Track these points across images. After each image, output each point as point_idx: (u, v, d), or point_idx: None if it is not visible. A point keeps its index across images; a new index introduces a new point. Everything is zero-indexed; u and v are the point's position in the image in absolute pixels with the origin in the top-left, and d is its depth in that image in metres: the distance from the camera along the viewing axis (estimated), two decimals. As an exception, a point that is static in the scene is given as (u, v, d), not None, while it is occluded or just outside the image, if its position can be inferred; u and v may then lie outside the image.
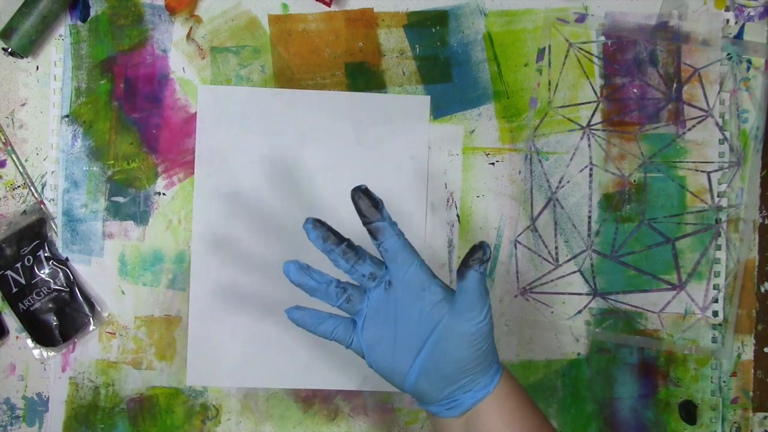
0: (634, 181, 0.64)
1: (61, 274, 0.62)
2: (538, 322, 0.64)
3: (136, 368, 0.63)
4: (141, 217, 0.63)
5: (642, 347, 0.64)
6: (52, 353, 0.63)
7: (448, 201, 0.64)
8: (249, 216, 0.63)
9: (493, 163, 0.64)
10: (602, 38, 0.64)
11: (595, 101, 0.64)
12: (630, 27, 0.64)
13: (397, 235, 0.48)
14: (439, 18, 0.64)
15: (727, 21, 0.64)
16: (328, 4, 0.63)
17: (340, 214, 0.63)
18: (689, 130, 0.64)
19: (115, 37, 0.63)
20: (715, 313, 0.64)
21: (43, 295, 0.62)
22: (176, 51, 0.63)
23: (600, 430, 0.64)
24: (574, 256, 0.64)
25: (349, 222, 0.63)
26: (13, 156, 0.63)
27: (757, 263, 0.65)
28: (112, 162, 0.63)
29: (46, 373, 0.63)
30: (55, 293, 0.62)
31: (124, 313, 0.63)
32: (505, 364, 0.63)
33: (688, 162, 0.64)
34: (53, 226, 0.63)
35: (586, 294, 0.64)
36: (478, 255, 0.46)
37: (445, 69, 0.64)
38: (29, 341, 0.62)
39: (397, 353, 0.48)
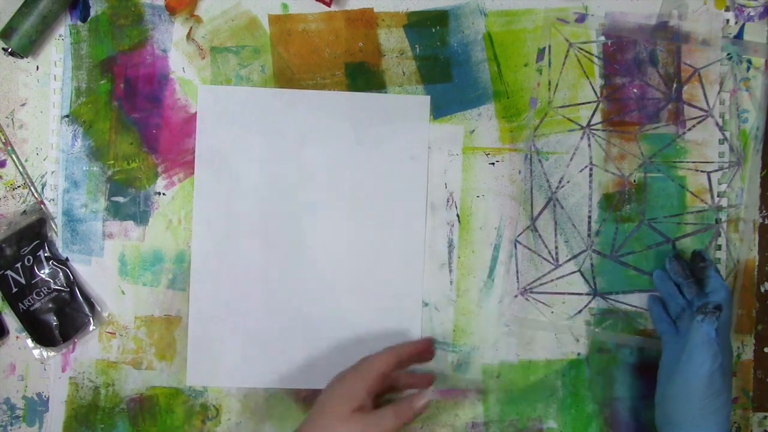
0: (634, 181, 0.64)
1: (61, 274, 0.62)
2: (538, 322, 0.64)
3: (136, 368, 0.63)
4: (141, 217, 0.63)
5: (642, 347, 0.64)
6: (52, 353, 0.63)
7: (448, 201, 0.64)
8: (249, 216, 0.63)
9: (493, 163, 0.64)
10: (602, 38, 0.64)
11: (595, 101, 0.64)
12: (630, 27, 0.64)
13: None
14: (439, 18, 0.64)
15: (727, 21, 0.64)
16: (328, 4, 0.63)
17: (338, 214, 0.63)
18: (689, 130, 0.64)
19: (115, 37, 0.63)
20: (715, 313, 0.64)
21: (43, 295, 0.62)
22: (176, 51, 0.63)
23: (600, 430, 0.64)
24: (574, 256, 0.64)
25: (346, 222, 0.64)
26: (13, 156, 0.63)
27: (757, 263, 0.65)
28: (112, 162, 0.63)
29: (46, 373, 0.63)
30: (55, 293, 0.62)
31: (124, 313, 0.63)
32: (505, 364, 0.63)
33: (688, 162, 0.64)
34: (53, 226, 0.63)
35: (586, 294, 0.64)
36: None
37: (445, 69, 0.64)
38: (29, 341, 0.62)
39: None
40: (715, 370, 0.54)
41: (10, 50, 0.61)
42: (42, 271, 0.62)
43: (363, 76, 0.63)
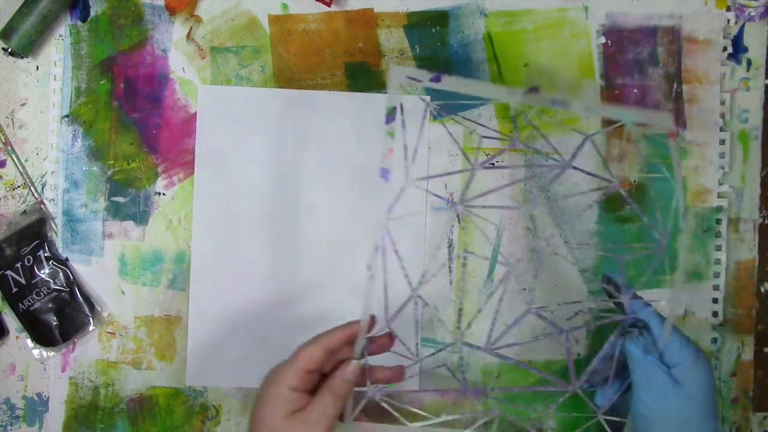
0: (634, 181, 0.64)
1: (61, 274, 0.62)
2: (539, 322, 0.64)
3: (136, 368, 0.63)
4: (141, 217, 0.63)
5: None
6: (52, 353, 0.63)
7: (448, 201, 0.64)
8: (249, 216, 0.63)
9: (493, 163, 0.64)
10: (602, 38, 0.64)
11: (595, 101, 0.64)
12: (630, 27, 0.64)
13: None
14: (439, 18, 0.64)
15: (728, 21, 0.64)
16: (328, 4, 0.63)
17: (338, 214, 0.63)
18: (689, 130, 0.64)
19: (115, 37, 0.63)
20: (715, 313, 0.64)
21: (43, 295, 0.62)
22: (176, 51, 0.63)
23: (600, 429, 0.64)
24: (575, 257, 0.64)
25: (345, 222, 0.63)
26: (13, 156, 0.63)
27: (757, 263, 0.65)
28: (112, 162, 0.63)
29: (46, 373, 0.63)
30: (55, 293, 0.62)
31: (124, 313, 0.63)
32: (505, 364, 0.63)
33: (688, 162, 0.64)
34: (53, 226, 0.63)
35: (587, 294, 0.64)
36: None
37: (445, 69, 0.64)
38: (29, 341, 0.62)
39: None
40: (665, 392, 0.49)
41: (10, 50, 0.61)
42: (42, 271, 0.62)
43: (363, 76, 0.63)
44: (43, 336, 0.62)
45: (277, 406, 0.48)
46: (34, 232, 0.62)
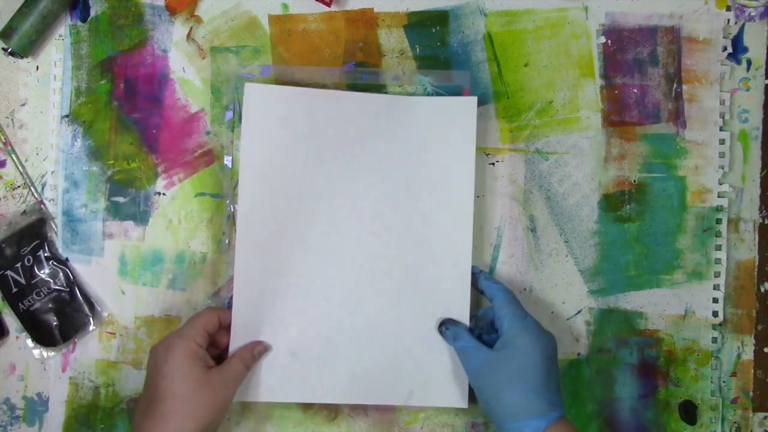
0: (634, 181, 0.64)
1: (61, 274, 0.62)
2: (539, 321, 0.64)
3: (136, 368, 0.63)
4: (141, 217, 0.63)
5: (642, 347, 0.64)
6: (52, 353, 0.63)
7: (446, 201, 0.64)
8: (293, 223, 0.60)
9: (493, 163, 0.64)
10: (602, 38, 0.64)
11: (595, 101, 0.64)
12: (630, 27, 0.64)
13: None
14: (439, 18, 0.64)
15: (728, 21, 0.64)
16: (328, 4, 0.63)
17: (383, 220, 0.62)
18: (689, 130, 0.64)
19: (115, 37, 0.63)
20: (715, 313, 0.64)
21: (43, 295, 0.62)
22: (176, 51, 0.63)
23: (600, 430, 0.64)
24: (575, 257, 0.64)
25: (389, 229, 0.62)
26: (13, 156, 0.63)
27: (757, 263, 0.65)
28: (112, 162, 0.63)
29: (46, 373, 0.63)
30: (55, 293, 0.62)
31: (124, 313, 0.63)
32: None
33: (688, 162, 0.64)
34: (53, 226, 0.63)
35: (587, 294, 0.64)
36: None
37: (445, 69, 0.64)
38: (29, 341, 0.62)
39: None
40: (489, 367, 0.56)
41: (10, 50, 0.61)
42: (42, 271, 0.62)
43: (363, 76, 0.63)
44: (43, 336, 0.62)
45: (192, 360, 0.54)
46: (34, 232, 0.62)
